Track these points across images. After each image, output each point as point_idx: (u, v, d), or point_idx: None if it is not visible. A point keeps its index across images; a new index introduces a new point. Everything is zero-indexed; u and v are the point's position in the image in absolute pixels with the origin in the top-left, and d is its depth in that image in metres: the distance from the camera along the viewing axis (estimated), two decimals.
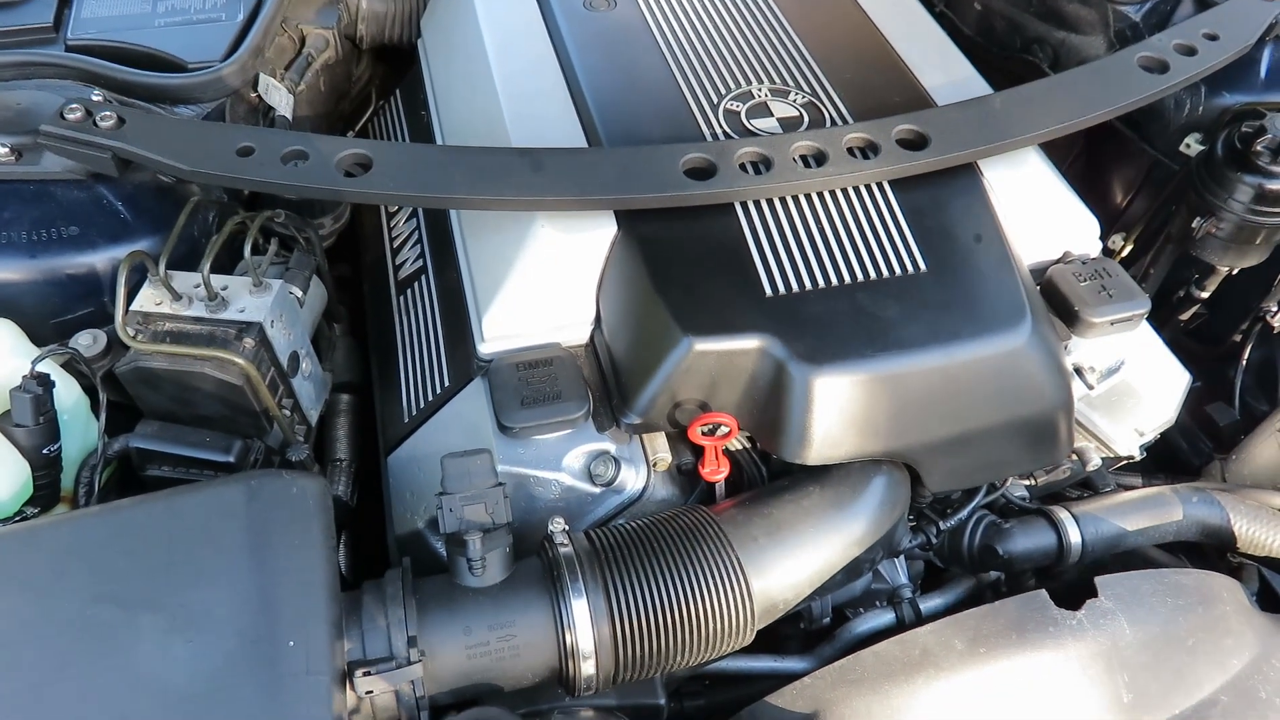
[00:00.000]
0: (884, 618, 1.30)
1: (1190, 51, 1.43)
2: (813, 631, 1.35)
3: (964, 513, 1.27)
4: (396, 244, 1.57)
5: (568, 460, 1.16)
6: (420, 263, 1.47)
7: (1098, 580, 1.05)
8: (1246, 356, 1.65)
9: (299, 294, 1.30)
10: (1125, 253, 1.72)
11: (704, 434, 1.14)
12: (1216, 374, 1.71)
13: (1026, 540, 1.28)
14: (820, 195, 1.25)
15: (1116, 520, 1.30)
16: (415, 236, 1.52)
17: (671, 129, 1.32)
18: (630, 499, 1.17)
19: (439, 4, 1.78)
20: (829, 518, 1.14)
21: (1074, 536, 1.28)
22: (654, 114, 1.34)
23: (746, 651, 1.14)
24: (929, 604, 1.32)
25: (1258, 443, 1.46)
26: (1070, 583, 1.20)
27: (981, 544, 1.29)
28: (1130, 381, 1.33)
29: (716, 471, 1.18)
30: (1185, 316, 1.69)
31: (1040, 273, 1.33)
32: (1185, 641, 1.06)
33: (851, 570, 1.15)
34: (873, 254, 1.21)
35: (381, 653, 0.96)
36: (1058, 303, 1.30)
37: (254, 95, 1.46)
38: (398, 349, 1.42)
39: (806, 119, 1.35)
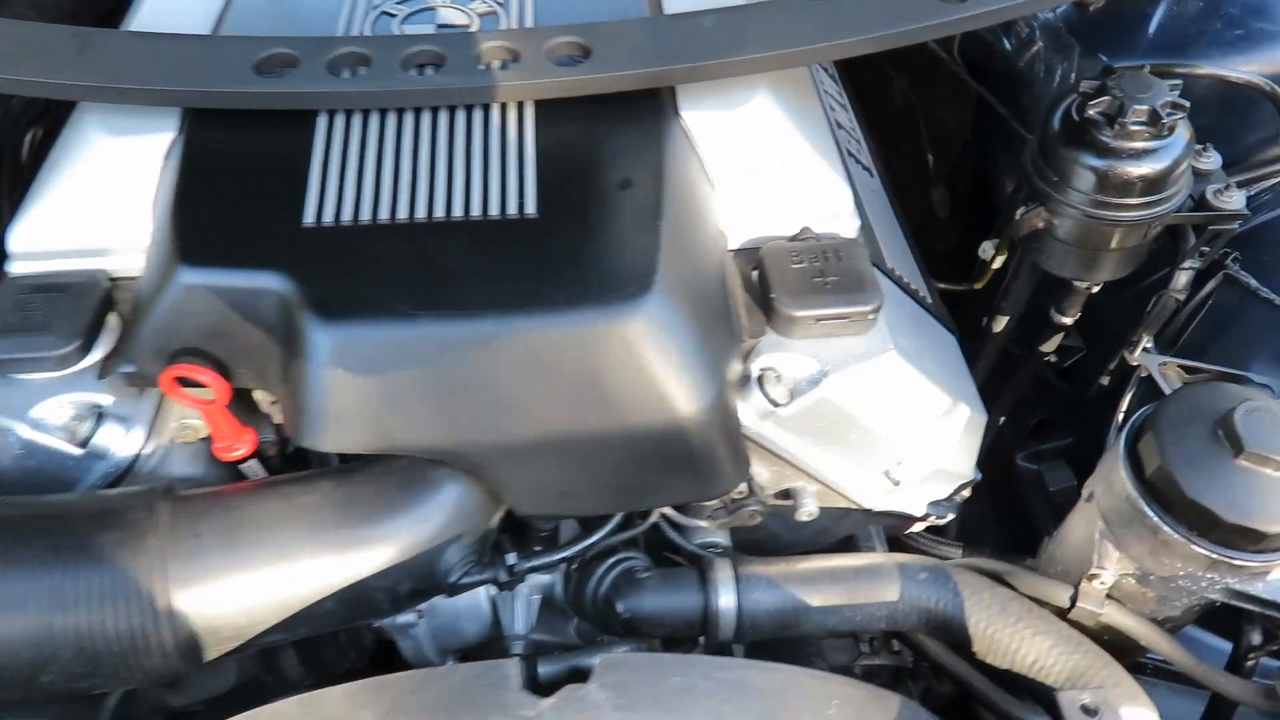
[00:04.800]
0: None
1: None
2: None
3: (574, 549, 0.96)
4: None
5: (41, 409, 0.92)
6: None
7: (602, 659, 0.73)
8: (1126, 404, 1.26)
9: None
10: (997, 264, 1.35)
11: (182, 386, 0.88)
12: (1094, 425, 1.32)
13: (661, 599, 0.96)
14: (431, 113, 0.98)
15: (799, 590, 0.96)
16: None
17: (312, 26, 1.08)
18: (118, 468, 0.92)
19: None
20: (327, 526, 0.85)
21: (726, 603, 0.95)
22: (300, 8, 1.10)
23: None
24: (554, 666, 1.01)
25: (1071, 520, 1.08)
26: None
27: (604, 596, 0.98)
28: (855, 407, 0.99)
29: (229, 448, 0.92)
30: (1049, 348, 1.31)
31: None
32: None
33: (358, 602, 0.87)
34: (469, 189, 0.92)
35: None
36: (759, 288, 0.99)
37: None
38: None
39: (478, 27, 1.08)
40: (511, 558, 0.91)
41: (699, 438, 0.90)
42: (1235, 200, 1.10)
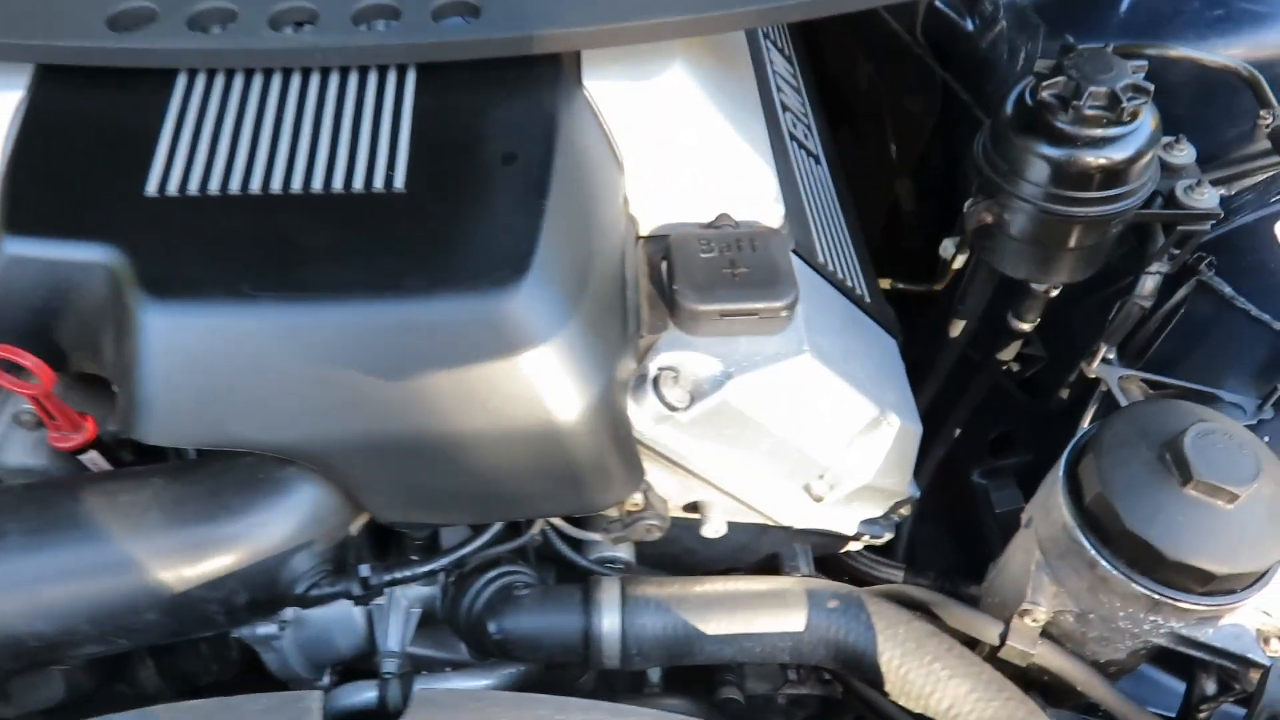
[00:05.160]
0: (365, 694, 0.92)
1: None
2: None
3: (438, 562, 0.87)
4: None
5: None
6: None
7: (419, 693, 0.64)
8: (1089, 420, 1.15)
9: None
10: (958, 263, 1.25)
11: (3, 370, 0.79)
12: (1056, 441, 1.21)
13: (538, 620, 0.86)
14: (301, 75, 0.88)
15: (692, 615, 0.86)
16: None
17: None
18: None
19: None
20: (150, 528, 0.76)
21: (610, 626, 0.85)
22: None
23: None
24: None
25: (1011, 547, 0.98)
26: None
27: (478, 614, 0.88)
28: (763, 413, 0.89)
29: (63, 438, 0.84)
30: (1006, 356, 1.21)
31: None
32: None
33: (185, 613, 0.78)
34: (333, 160, 0.83)
35: None
36: (666, 279, 0.89)
37: None
38: None
39: None
40: (365, 569, 0.82)
41: (580, 442, 0.81)
42: (1207, 198, 0.99)
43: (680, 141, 0.93)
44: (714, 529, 0.92)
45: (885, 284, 1.36)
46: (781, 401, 0.88)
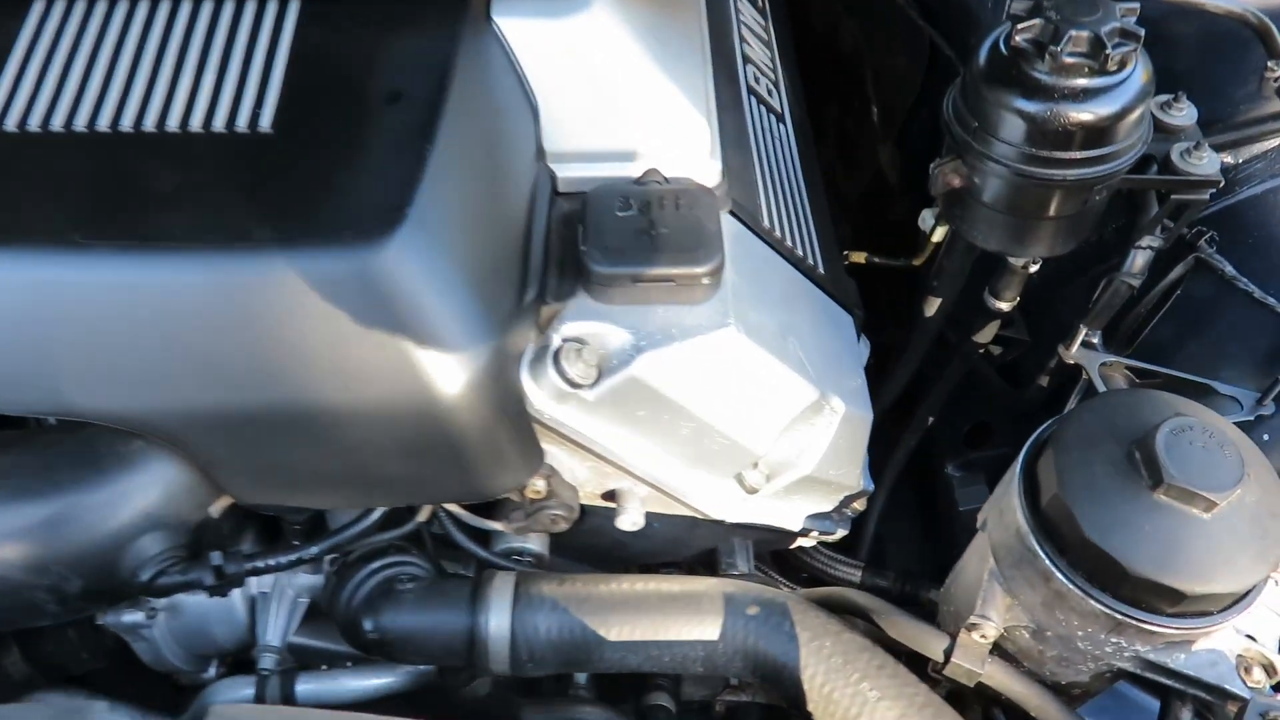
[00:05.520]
0: (242, 691, 0.84)
1: None
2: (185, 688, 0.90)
3: (314, 549, 0.77)
4: None
5: None
6: None
7: (213, 713, 0.55)
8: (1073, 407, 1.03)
9: None
10: (938, 236, 1.13)
11: None
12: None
13: (419, 618, 0.77)
14: (171, 1, 0.78)
15: (593, 617, 0.76)
16: None
17: None
18: None
19: None
20: None
21: (498, 627, 0.76)
22: None
23: None
24: (311, 685, 0.83)
25: (968, 552, 0.87)
26: None
27: (356, 609, 0.79)
28: (680, 393, 0.78)
29: None
30: (983, 339, 1.09)
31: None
32: None
33: (8, 601, 0.69)
34: (194, 96, 0.73)
35: None
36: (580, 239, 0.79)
37: None
38: None
39: None
40: (218, 557, 0.73)
41: (463, 419, 0.71)
42: (1206, 163, 0.87)
43: (603, 86, 0.82)
44: (630, 521, 0.83)
45: (860, 258, 1.25)
46: (702, 380, 0.78)
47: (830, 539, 1.01)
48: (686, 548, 0.97)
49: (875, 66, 1.29)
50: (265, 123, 0.72)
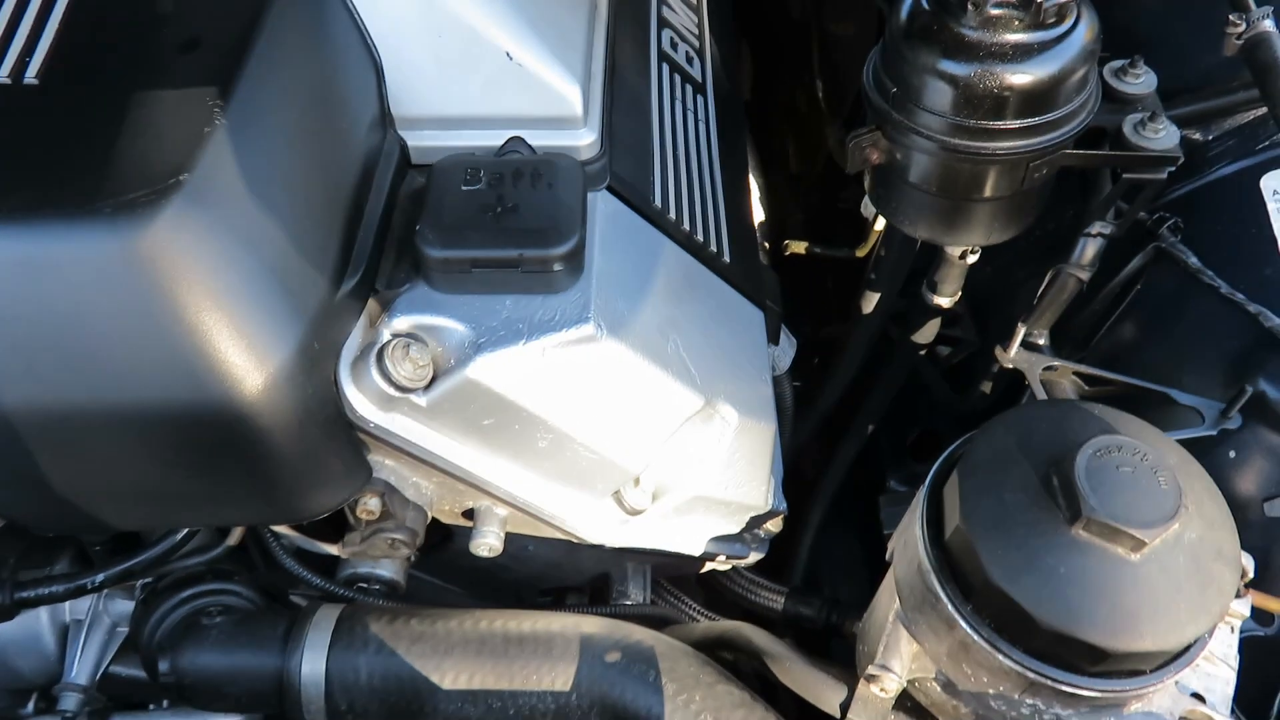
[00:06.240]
0: None
1: None
2: None
3: (99, 577, 0.67)
4: None
5: None
6: None
7: None
8: None
9: None
10: (880, 224, 1.01)
11: None
12: None
13: (222, 657, 0.66)
14: None
15: (425, 659, 0.65)
16: None
17: None
18: None
19: None
20: None
21: (311, 670, 0.65)
22: None
23: None
24: None
25: (881, 587, 0.75)
26: None
27: (157, 647, 0.68)
28: (530, 399, 0.66)
29: None
30: (922, 339, 0.97)
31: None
32: None
33: None
34: None
35: None
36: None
37: None
38: None
39: None
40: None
41: (258, 427, 0.60)
42: (1164, 137, 0.75)
43: (462, 40, 0.71)
44: (486, 545, 0.71)
45: (800, 248, 1.14)
46: (557, 385, 0.66)
47: (743, 563, 0.90)
48: (574, 572, 0.86)
49: (820, 35, 1.18)
50: (31, 73, 0.61)
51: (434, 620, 0.68)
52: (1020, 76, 0.70)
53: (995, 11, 0.68)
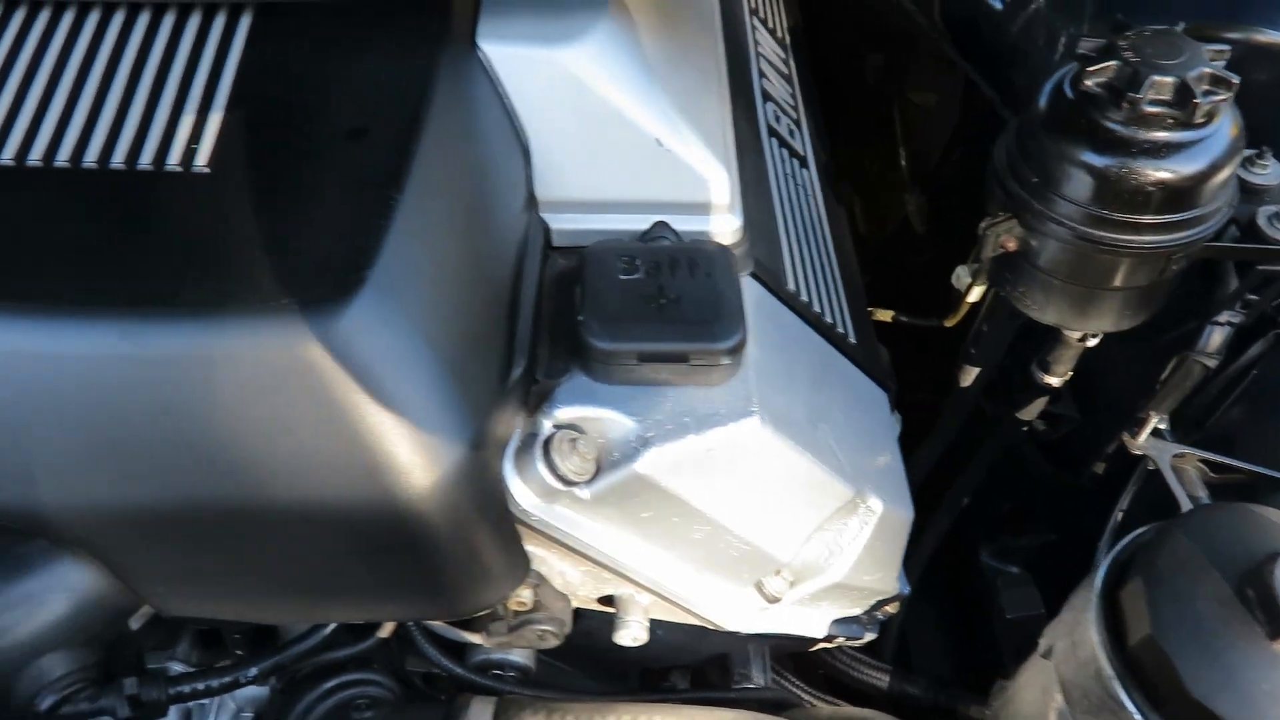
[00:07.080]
0: None
1: None
2: None
3: (251, 671, 0.65)
4: None
5: None
6: None
7: None
8: (1127, 502, 0.92)
9: None
10: (974, 295, 1.01)
11: None
12: (1085, 521, 0.97)
13: None
14: (101, 11, 0.66)
15: None
16: None
17: None
18: None
19: None
20: None
21: None
22: None
23: None
24: None
25: (1023, 677, 0.75)
26: None
27: None
28: (693, 493, 0.65)
29: None
30: (1029, 415, 0.97)
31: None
32: None
33: None
34: (118, 127, 0.61)
35: None
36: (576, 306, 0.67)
37: None
38: None
39: None
40: (133, 685, 0.61)
41: (432, 525, 0.59)
42: None
43: (605, 125, 0.71)
44: (631, 635, 0.70)
45: (886, 316, 1.14)
46: (721, 479, 0.66)
47: (857, 643, 0.89)
48: (694, 654, 0.85)
49: (902, 104, 1.19)
50: (201, 160, 0.60)
51: (590, 714, 0.66)
52: (1168, 173, 0.71)
53: (1149, 109, 0.69)
